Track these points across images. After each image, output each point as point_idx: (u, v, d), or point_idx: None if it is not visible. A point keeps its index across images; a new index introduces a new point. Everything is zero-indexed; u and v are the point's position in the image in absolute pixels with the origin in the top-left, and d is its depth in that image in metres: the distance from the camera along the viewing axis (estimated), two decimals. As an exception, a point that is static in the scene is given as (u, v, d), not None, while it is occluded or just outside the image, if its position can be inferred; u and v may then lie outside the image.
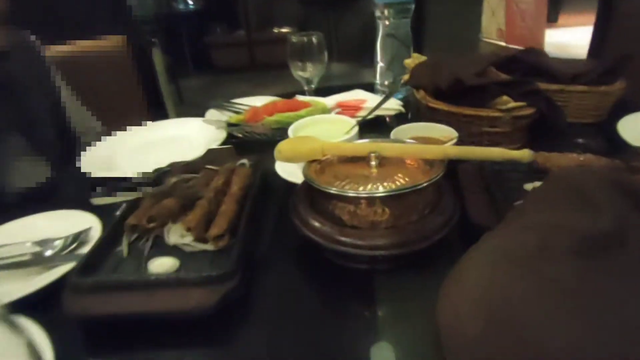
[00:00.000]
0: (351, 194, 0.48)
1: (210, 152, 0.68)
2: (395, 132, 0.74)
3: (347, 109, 0.95)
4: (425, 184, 0.48)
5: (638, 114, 0.83)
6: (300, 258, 0.56)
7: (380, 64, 1.10)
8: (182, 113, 1.10)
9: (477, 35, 3.63)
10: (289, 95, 1.09)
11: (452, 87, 0.76)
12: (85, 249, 0.57)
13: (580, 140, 0.77)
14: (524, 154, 0.51)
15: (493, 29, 4.32)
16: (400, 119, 0.97)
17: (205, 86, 4.24)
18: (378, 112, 0.95)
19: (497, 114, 0.73)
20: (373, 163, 0.54)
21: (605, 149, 0.78)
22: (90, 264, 0.50)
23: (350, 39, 4.06)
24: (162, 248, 0.54)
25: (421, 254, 0.49)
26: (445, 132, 0.74)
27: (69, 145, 1.06)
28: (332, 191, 0.49)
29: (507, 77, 0.88)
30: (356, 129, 0.72)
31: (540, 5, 3.23)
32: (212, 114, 1.06)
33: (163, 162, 0.70)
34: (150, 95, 1.86)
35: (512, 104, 0.73)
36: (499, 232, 0.43)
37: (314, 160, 0.57)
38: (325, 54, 1.06)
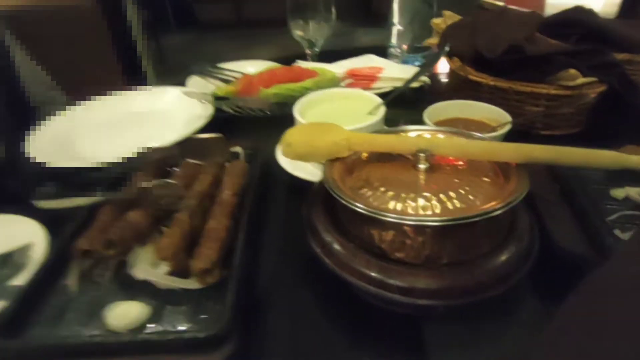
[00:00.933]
0: (392, 218, 0.33)
1: (191, 141, 0.52)
2: (429, 113, 0.58)
3: (360, 79, 0.78)
4: (506, 207, 0.33)
5: None
6: (318, 290, 0.41)
7: (397, 25, 0.92)
8: (163, 76, 0.91)
9: (476, -1, 3.37)
10: (286, 60, 0.91)
11: (504, 56, 0.60)
12: (19, 278, 0.41)
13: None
14: None
15: (493, -12, 4.09)
16: (420, 92, 0.81)
17: (190, 45, 3.90)
18: (395, 84, 0.79)
19: (561, 91, 0.57)
20: (422, 167, 0.39)
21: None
22: (20, 311, 0.35)
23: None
24: (127, 282, 0.38)
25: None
26: (493, 113, 0.58)
27: (22, 120, 0.88)
28: (364, 211, 0.33)
29: (558, 44, 0.72)
30: (382, 109, 0.55)
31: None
32: (195, 82, 0.88)
33: (133, 145, 0.54)
34: (124, 57, 1.64)
35: (582, 80, 0.57)
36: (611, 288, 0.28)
37: (336, 159, 0.42)
38: (333, 10, 0.87)
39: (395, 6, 0.91)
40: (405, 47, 0.91)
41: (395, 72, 0.78)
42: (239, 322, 0.34)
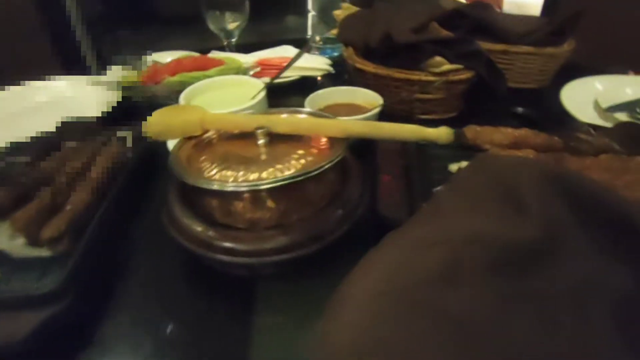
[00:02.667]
0: (214, 186, 0.37)
1: (70, 125, 0.54)
2: (311, 99, 0.62)
3: (268, 68, 0.82)
4: (315, 172, 0.37)
5: (583, 81, 0.75)
6: (174, 262, 0.45)
7: (312, 14, 0.96)
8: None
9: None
10: (206, 51, 0.93)
11: (381, 45, 0.64)
12: None
13: (520, 110, 0.69)
14: (440, 134, 0.41)
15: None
16: (335, 80, 0.85)
17: (148, 39, 3.85)
18: (307, 73, 0.83)
19: (429, 77, 0.62)
20: (261, 142, 0.43)
21: (546, 119, 0.70)
22: None
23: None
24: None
25: (315, 256, 0.39)
26: (370, 97, 0.63)
27: None
28: (191, 182, 0.37)
29: (447, 33, 0.77)
30: (262, 94, 0.59)
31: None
32: (114, 71, 0.90)
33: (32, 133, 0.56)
34: (63, 45, 1.62)
35: (447, 67, 0.62)
36: (399, 241, 0.33)
37: (192, 137, 0.45)
38: (247, 2, 0.90)
39: (310, -4, 0.94)
40: (317, 38, 0.95)
41: (303, 62, 0.82)
42: (77, 283, 0.37)
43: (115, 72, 0.88)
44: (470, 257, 0.30)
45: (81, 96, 0.78)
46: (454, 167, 0.50)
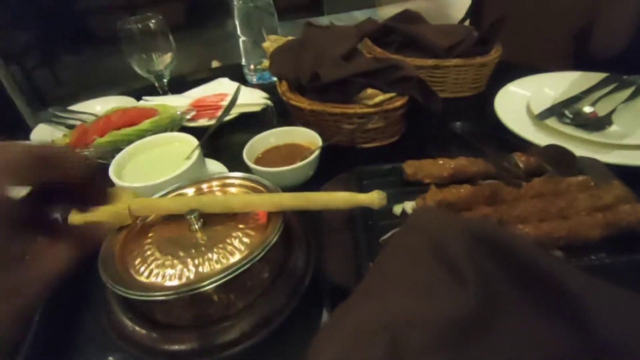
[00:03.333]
0: (152, 297, 0.35)
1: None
2: (249, 148, 0.60)
3: (204, 110, 0.79)
4: (259, 254, 0.36)
5: (513, 86, 0.77)
6: None
7: (242, 39, 0.93)
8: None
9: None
10: (140, 93, 0.89)
11: (312, 83, 0.63)
12: None
13: (458, 126, 0.70)
14: (373, 198, 0.41)
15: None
16: (267, 114, 0.83)
17: (88, 61, 3.64)
18: (245, 110, 0.81)
19: (365, 110, 0.62)
20: (196, 227, 0.41)
21: (484, 127, 0.71)
22: None
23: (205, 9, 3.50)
24: None
25: (266, 341, 0.38)
26: (309, 136, 0.62)
27: None
28: (125, 294, 0.35)
29: (383, 53, 0.78)
30: (196, 153, 0.57)
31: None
32: (41, 131, 0.84)
33: None
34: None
35: (381, 97, 0.62)
36: (343, 327, 0.33)
37: (122, 227, 0.43)
38: (171, 38, 0.86)
39: (237, 21, 0.91)
40: (252, 66, 0.93)
41: (240, 98, 0.80)
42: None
43: (43, 133, 0.83)
44: (412, 341, 0.30)
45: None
46: (397, 208, 0.50)
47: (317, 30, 0.79)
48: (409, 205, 0.50)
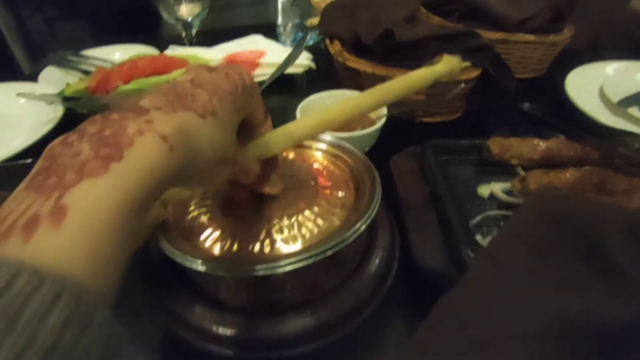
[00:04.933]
0: (224, 272, 0.27)
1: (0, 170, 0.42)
2: (304, 106, 0.53)
3: (240, 67, 0.71)
4: (349, 237, 0.28)
5: (584, 69, 0.70)
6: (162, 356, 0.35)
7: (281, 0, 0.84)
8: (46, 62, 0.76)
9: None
10: (166, 43, 0.80)
11: (377, 42, 0.55)
12: None
13: (526, 106, 0.63)
14: (452, 65, 0.35)
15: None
16: (310, 76, 0.75)
17: (84, 17, 3.46)
18: (286, 71, 0.73)
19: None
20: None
21: (551, 114, 0.65)
22: None
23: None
24: None
25: (351, 336, 0.31)
26: (371, 105, 0.54)
27: None
28: (200, 268, 0.27)
29: (441, 21, 0.70)
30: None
31: None
32: (50, 74, 0.75)
33: None
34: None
35: (456, 65, 0.55)
36: (467, 325, 0.26)
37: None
38: (207, -14, 0.77)
39: (278, -22, 0.83)
40: (290, 25, 0.85)
41: (277, 56, 0.71)
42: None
43: (52, 77, 0.74)
44: (572, 350, 0.24)
45: (13, 112, 0.63)
46: (484, 190, 0.44)
47: (373, -10, 0.71)
48: (497, 187, 0.43)
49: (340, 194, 0.33)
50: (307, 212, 0.31)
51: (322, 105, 0.55)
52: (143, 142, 0.18)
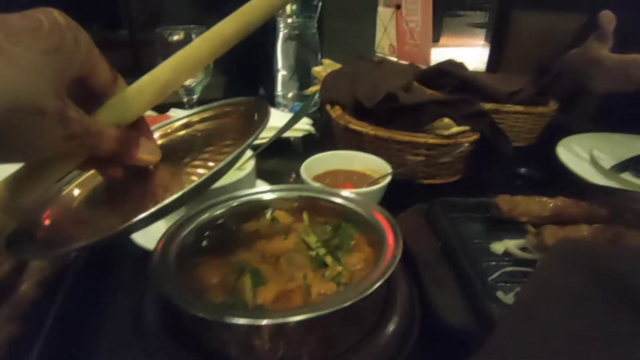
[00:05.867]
0: (241, 321, 0.24)
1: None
2: (308, 165, 0.53)
3: (240, 129, 0.71)
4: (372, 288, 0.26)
5: (573, 138, 0.74)
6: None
7: (281, 72, 0.89)
8: None
9: (372, 49, 3.69)
10: (166, 108, 0.82)
11: (380, 105, 0.57)
12: None
13: (523, 170, 0.65)
14: None
15: (385, 44, 4.50)
16: (308, 141, 0.77)
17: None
18: (287, 134, 0.74)
19: (437, 140, 0.56)
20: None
21: (546, 177, 0.66)
22: None
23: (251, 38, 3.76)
24: None
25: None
26: (375, 164, 0.55)
27: None
28: (206, 316, 0.25)
29: (435, 93, 0.73)
30: (252, 162, 0.49)
31: (426, 24, 3.42)
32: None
33: None
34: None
35: (455, 129, 0.57)
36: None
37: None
38: (211, 56, 0.81)
39: (279, 53, 0.88)
40: (290, 95, 0.88)
41: (276, 121, 0.73)
42: None
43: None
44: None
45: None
46: (497, 247, 0.42)
47: (371, 63, 0.76)
48: (511, 244, 0.42)
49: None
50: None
51: (326, 163, 0.55)
52: None
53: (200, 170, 0.29)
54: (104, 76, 0.25)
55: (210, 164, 0.30)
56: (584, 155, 0.69)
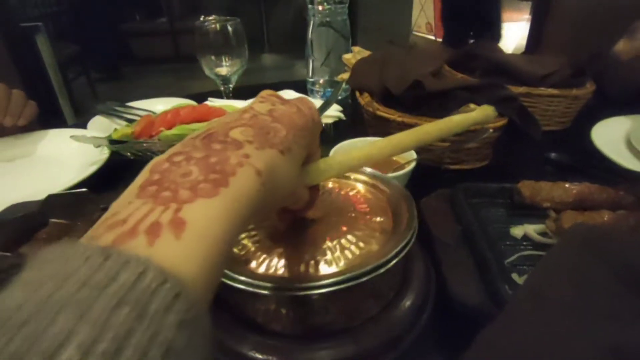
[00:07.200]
0: (251, 287, 0.28)
1: (56, 198, 0.45)
2: (336, 151, 0.55)
3: (274, 117, 0.75)
4: (391, 259, 0.29)
5: (609, 121, 0.72)
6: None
7: (313, 59, 0.91)
8: (88, 116, 0.83)
9: (408, 29, 3.59)
10: (204, 97, 0.86)
11: (408, 92, 0.59)
12: None
13: (552, 155, 0.64)
14: (487, 113, 0.37)
15: (422, 22, 4.37)
16: (339, 127, 0.79)
17: (125, 80, 3.77)
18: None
19: (463, 126, 0.57)
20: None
21: (578, 162, 0.65)
22: None
23: (285, 28, 3.81)
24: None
25: None
26: (400, 150, 0.56)
27: None
28: (238, 284, 0.28)
29: (465, 77, 0.73)
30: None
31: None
32: (98, 122, 0.81)
33: (12, 197, 0.47)
34: (40, 95, 1.52)
35: (482, 114, 0.57)
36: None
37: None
38: (246, 46, 0.84)
39: (311, 40, 0.90)
40: (322, 81, 0.90)
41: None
42: None
43: (100, 124, 0.80)
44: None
45: (64, 153, 0.68)
46: (517, 231, 0.44)
47: (401, 49, 0.77)
48: (531, 229, 0.43)
49: (378, 219, 0.34)
50: (349, 236, 0.32)
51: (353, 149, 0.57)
52: (243, 173, 0.20)
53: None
54: (316, 150, 0.29)
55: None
56: (620, 139, 0.67)
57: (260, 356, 0.29)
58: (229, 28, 0.80)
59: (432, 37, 4.22)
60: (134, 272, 0.14)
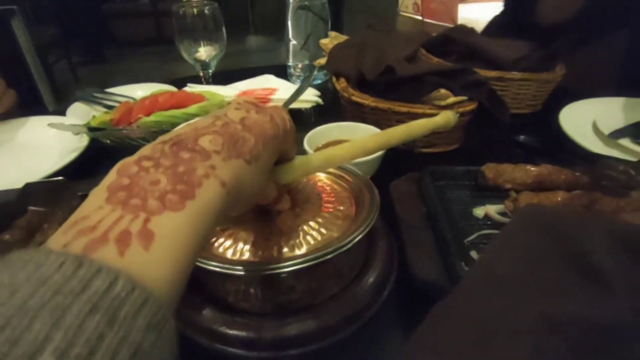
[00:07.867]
0: (235, 271, 0.30)
1: (33, 186, 0.45)
2: (311, 137, 0.57)
3: (252, 102, 0.76)
4: (349, 242, 0.31)
5: (577, 105, 0.74)
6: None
7: (292, 42, 0.91)
8: (70, 102, 0.82)
9: (395, 9, 3.57)
10: (184, 82, 0.87)
11: (381, 78, 0.60)
12: None
13: (522, 138, 0.67)
14: (449, 118, 0.39)
15: (409, 3, 4.33)
16: (318, 111, 0.80)
17: (108, 63, 3.69)
18: (294, 105, 0.78)
19: (434, 110, 0.59)
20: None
21: (545, 145, 0.68)
22: None
23: (270, 9, 3.76)
24: None
25: (349, 340, 0.33)
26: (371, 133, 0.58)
27: None
28: (206, 266, 0.30)
29: (440, 62, 0.75)
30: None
31: (453, -20, 3.25)
32: (77, 109, 0.81)
33: None
34: (19, 81, 1.49)
35: (452, 99, 0.59)
36: (465, 323, 0.28)
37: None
38: (224, 30, 0.84)
39: (290, 23, 0.90)
40: (301, 65, 0.91)
41: (288, 93, 0.77)
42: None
43: (79, 111, 0.80)
44: (554, 347, 0.26)
45: (43, 141, 0.69)
46: (479, 211, 0.46)
47: (378, 33, 0.77)
48: (492, 209, 0.46)
49: (341, 207, 0.36)
50: (311, 223, 0.34)
51: (328, 135, 0.59)
52: (209, 185, 0.21)
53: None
54: (291, 154, 0.31)
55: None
56: (587, 123, 0.70)
57: (230, 332, 0.31)
58: (207, 12, 0.80)
59: (419, 17, 4.19)
60: (105, 280, 0.15)
